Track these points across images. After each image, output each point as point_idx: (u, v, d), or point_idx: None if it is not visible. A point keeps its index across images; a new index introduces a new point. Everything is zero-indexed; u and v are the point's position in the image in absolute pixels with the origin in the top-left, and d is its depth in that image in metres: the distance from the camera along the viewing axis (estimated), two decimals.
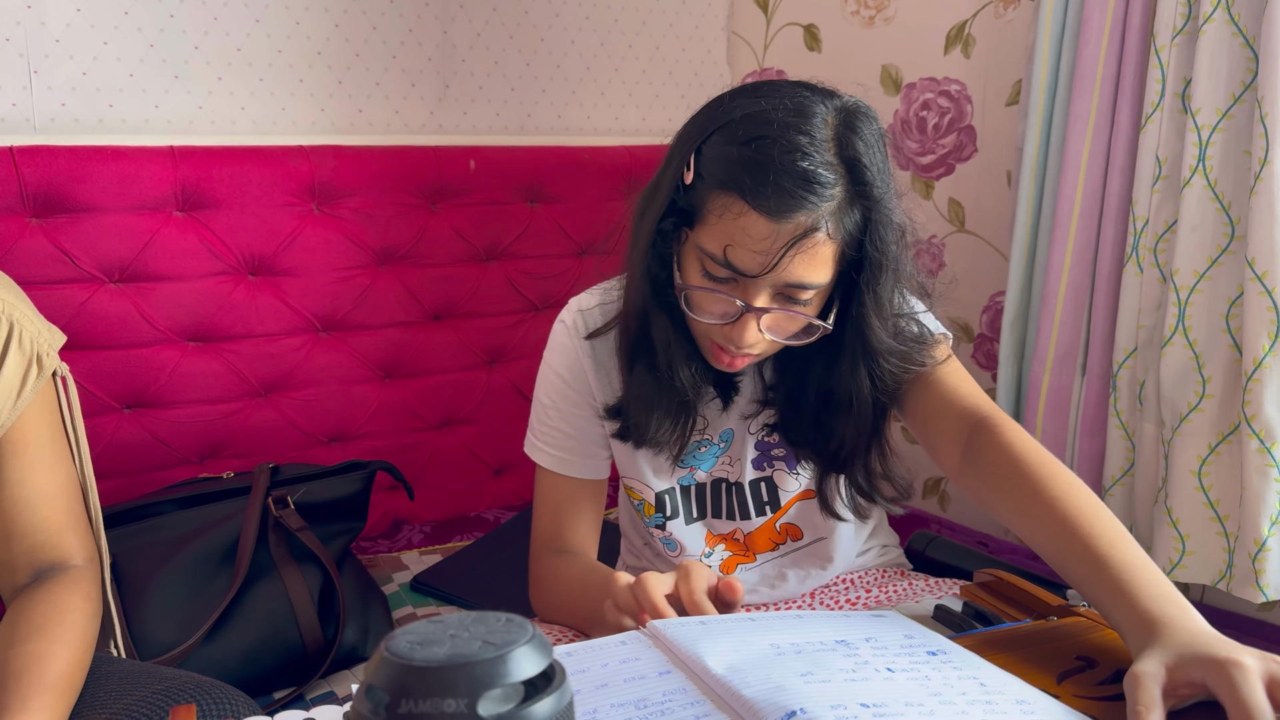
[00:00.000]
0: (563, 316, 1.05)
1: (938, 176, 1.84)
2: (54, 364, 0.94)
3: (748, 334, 0.88)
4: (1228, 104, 1.28)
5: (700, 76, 2.03)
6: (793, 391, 1.00)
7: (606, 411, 1.01)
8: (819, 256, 0.85)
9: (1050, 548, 0.78)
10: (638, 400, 0.97)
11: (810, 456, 1.03)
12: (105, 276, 1.44)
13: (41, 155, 1.37)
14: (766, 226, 0.83)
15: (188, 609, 1.22)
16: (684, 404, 0.98)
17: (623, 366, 0.99)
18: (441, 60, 1.74)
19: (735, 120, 0.86)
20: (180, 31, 1.51)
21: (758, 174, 0.83)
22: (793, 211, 0.83)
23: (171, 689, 0.87)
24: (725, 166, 0.85)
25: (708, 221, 0.86)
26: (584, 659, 0.68)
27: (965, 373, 0.98)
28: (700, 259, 0.88)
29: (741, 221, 0.84)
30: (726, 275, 0.87)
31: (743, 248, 0.84)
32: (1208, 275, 1.31)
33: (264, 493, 1.32)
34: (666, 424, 0.98)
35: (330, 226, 1.58)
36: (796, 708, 0.58)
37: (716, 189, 0.85)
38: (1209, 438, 1.33)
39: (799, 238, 0.83)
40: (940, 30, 1.80)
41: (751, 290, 0.87)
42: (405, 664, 0.41)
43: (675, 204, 0.90)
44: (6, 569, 0.92)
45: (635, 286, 0.94)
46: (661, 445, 0.99)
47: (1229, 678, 0.59)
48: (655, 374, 0.96)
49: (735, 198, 0.84)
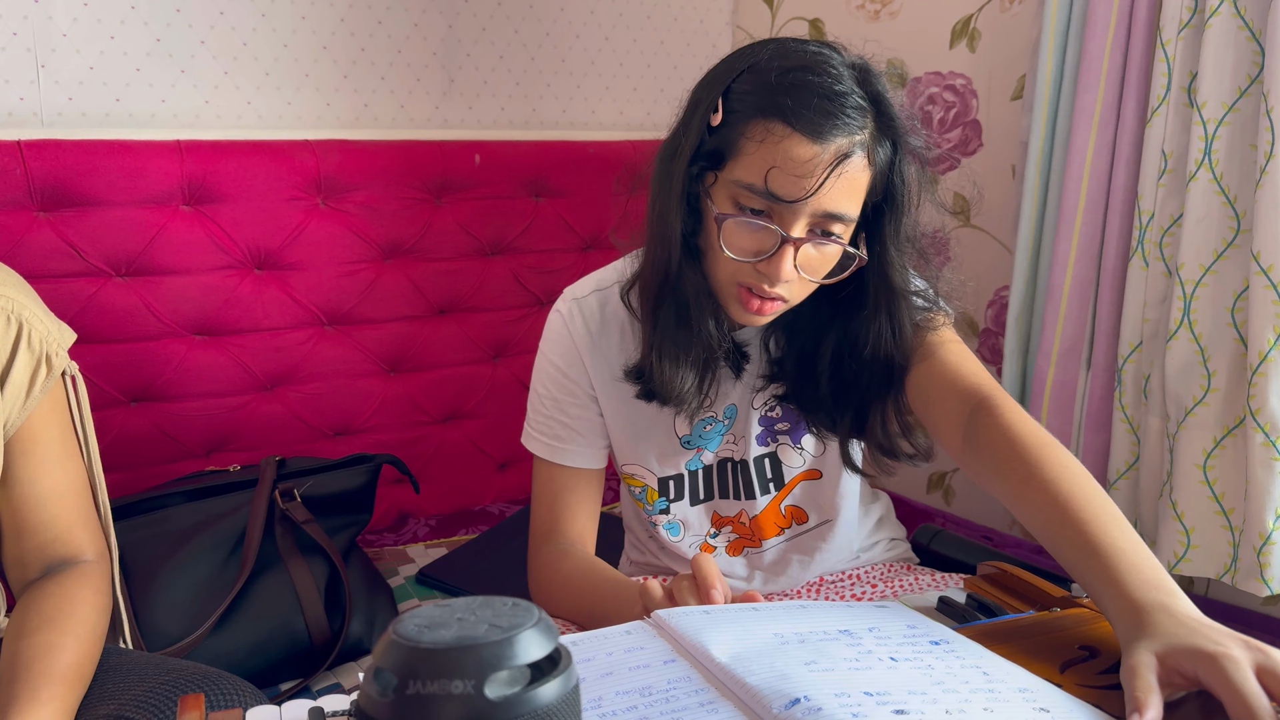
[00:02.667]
0: (558, 306, 1.05)
1: (943, 171, 1.84)
2: (63, 363, 0.94)
3: (785, 266, 0.88)
4: (1234, 98, 1.28)
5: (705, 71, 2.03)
6: (805, 357, 1.00)
7: (626, 374, 1.00)
8: (856, 184, 0.87)
9: (1044, 531, 0.78)
10: (662, 353, 0.96)
11: (823, 423, 1.02)
12: (112, 270, 1.44)
13: (49, 149, 1.38)
14: (810, 148, 0.84)
15: (195, 601, 1.22)
16: (709, 359, 0.97)
17: (645, 320, 0.97)
18: (446, 55, 1.75)
19: (764, 60, 0.88)
20: (186, 26, 1.52)
21: (798, 96, 0.84)
22: (834, 133, 0.84)
23: (179, 679, 0.88)
24: (763, 96, 0.86)
25: (745, 151, 0.87)
26: (589, 648, 0.68)
27: (969, 352, 0.98)
28: (734, 195, 0.88)
29: (785, 145, 0.85)
30: (764, 206, 0.87)
31: (786, 171, 0.85)
32: (1213, 269, 1.31)
33: (270, 485, 1.32)
34: (691, 377, 0.97)
35: (336, 221, 1.59)
36: (801, 695, 0.58)
37: (756, 117, 0.86)
38: (1214, 431, 1.33)
39: (840, 159, 0.85)
40: (945, 24, 1.80)
41: (789, 219, 0.87)
42: (413, 646, 0.41)
43: (701, 148, 0.90)
44: (18, 565, 0.93)
45: (663, 234, 0.93)
46: (684, 401, 0.98)
47: (1222, 671, 0.60)
48: (684, 325, 0.95)
49: (777, 122, 0.85)
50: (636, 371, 0.99)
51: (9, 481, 0.91)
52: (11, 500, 0.91)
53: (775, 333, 1.02)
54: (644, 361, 0.98)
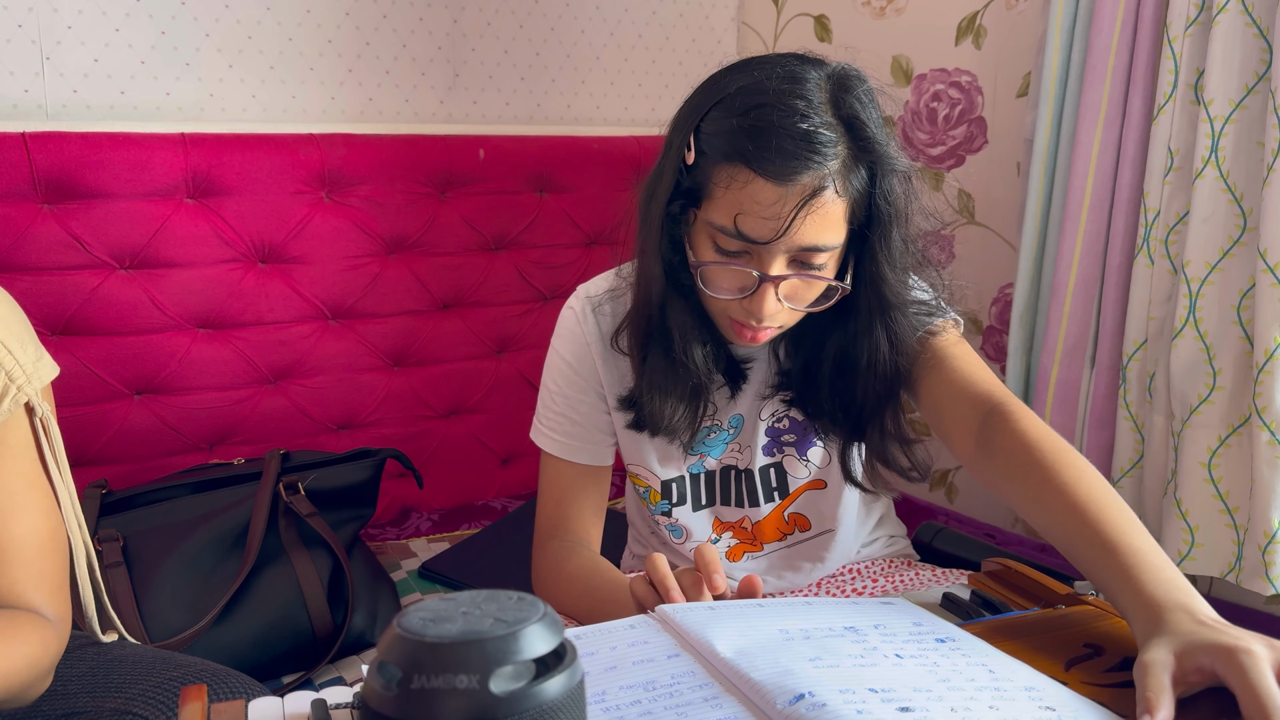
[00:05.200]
0: (571, 303, 1.05)
1: (948, 168, 1.84)
2: (27, 396, 0.81)
3: (767, 304, 0.88)
4: (1241, 95, 1.28)
5: (710, 67, 2.00)
6: (809, 362, 1.00)
7: (619, 403, 1.01)
8: (829, 216, 0.86)
9: (1060, 534, 0.78)
10: (651, 387, 0.97)
11: (828, 427, 1.02)
12: (116, 263, 1.44)
13: (53, 141, 1.37)
14: (774, 191, 0.84)
15: (198, 593, 1.22)
16: (697, 387, 0.98)
17: (634, 355, 0.98)
18: (451, 49, 1.74)
19: (730, 95, 0.87)
20: (192, 19, 1.52)
21: (759, 140, 0.84)
22: (798, 173, 0.83)
23: (186, 676, 0.88)
24: (726, 139, 0.86)
25: (714, 195, 0.87)
26: (592, 642, 0.68)
27: (978, 358, 0.98)
28: (711, 235, 0.89)
29: (749, 189, 0.84)
30: (739, 248, 0.87)
31: (752, 215, 0.85)
32: (1219, 267, 1.31)
33: (274, 479, 1.32)
34: (681, 409, 0.98)
35: (340, 214, 1.59)
36: (805, 691, 0.58)
37: (721, 161, 0.86)
38: (1219, 430, 1.32)
39: (807, 199, 0.84)
40: (951, 21, 1.79)
41: (766, 259, 0.87)
42: (418, 640, 0.41)
43: (680, 185, 0.90)
44: None
45: (647, 273, 0.94)
46: (675, 432, 0.99)
47: (1239, 665, 0.59)
48: (670, 359, 0.96)
49: (740, 167, 0.84)
50: (628, 400, 1.00)
51: None
52: None
53: (783, 342, 1.03)
54: (634, 393, 0.99)
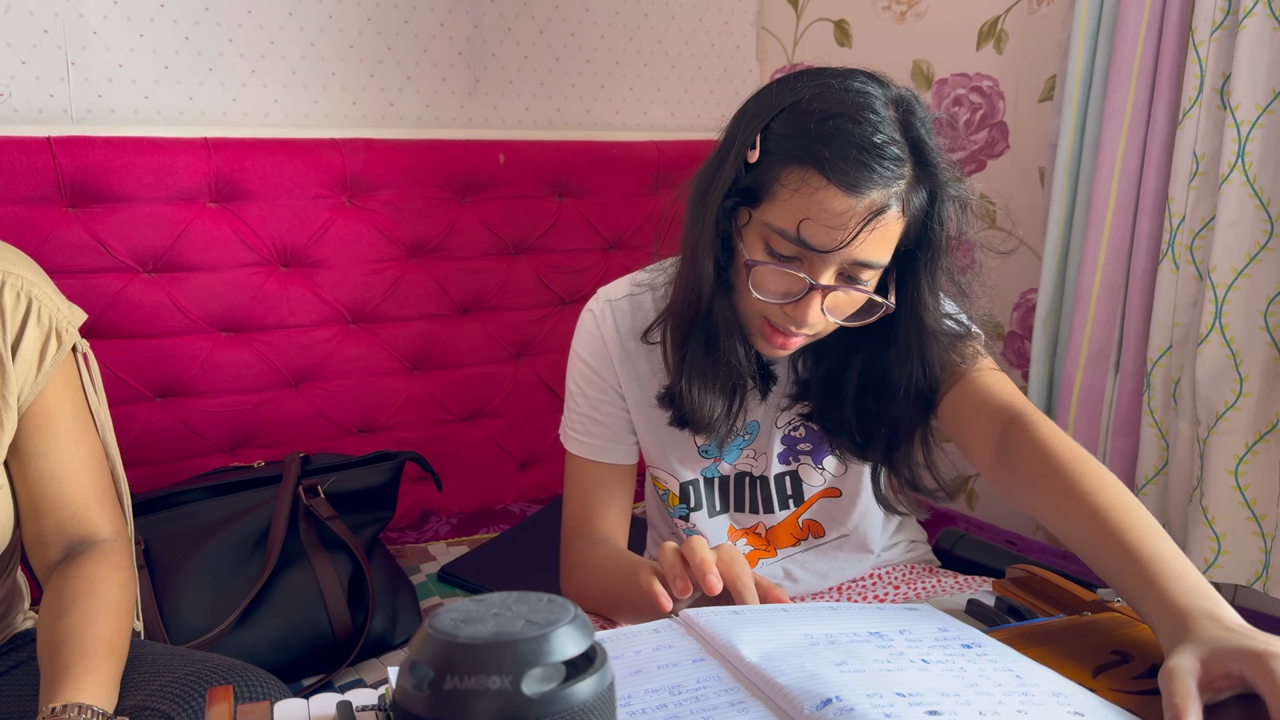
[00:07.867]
0: (590, 306, 1.06)
1: (969, 173, 1.83)
2: (74, 338, 0.94)
3: (811, 312, 0.88)
4: (1268, 99, 1.27)
5: (729, 72, 2.03)
6: (831, 379, 1.00)
7: (659, 400, 1.01)
8: (888, 234, 0.86)
9: (1083, 543, 0.77)
10: (691, 381, 0.96)
11: (847, 446, 1.02)
12: (139, 266, 1.45)
13: (78, 145, 1.39)
14: (845, 201, 0.83)
15: (219, 595, 1.23)
16: (735, 385, 0.98)
17: (673, 351, 0.98)
18: (472, 54, 1.75)
19: (805, 100, 0.86)
20: (215, 24, 1.53)
21: (836, 148, 0.83)
22: (870, 186, 0.83)
23: (205, 671, 0.88)
24: (800, 142, 0.85)
25: (779, 197, 0.86)
26: (617, 646, 0.68)
27: (1000, 372, 0.97)
28: (765, 237, 0.88)
29: (820, 196, 0.84)
30: (794, 252, 0.87)
31: (819, 223, 0.84)
32: (1246, 272, 1.30)
33: (295, 481, 1.33)
34: (720, 404, 0.97)
35: (361, 219, 1.59)
36: (832, 695, 0.57)
37: (791, 163, 0.85)
38: (1246, 436, 1.31)
39: (875, 214, 0.84)
40: (972, 25, 1.79)
41: (819, 267, 0.87)
42: (450, 640, 0.41)
43: (738, 183, 0.89)
44: (38, 545, 0.93)
45: (697, 269, 0.93)
46: (714, 428, 0.99)
47: (1269, 670, 0.59)
48: (712, 355, 0.95)
49: (812, 172, 0.84)
50: (668, 398, 1.00)
51: (25, 458, 0.92)
52: (28, 477, 0.92)
53: (803, 353, 1.02)
54: (673, 388, 0.98)
